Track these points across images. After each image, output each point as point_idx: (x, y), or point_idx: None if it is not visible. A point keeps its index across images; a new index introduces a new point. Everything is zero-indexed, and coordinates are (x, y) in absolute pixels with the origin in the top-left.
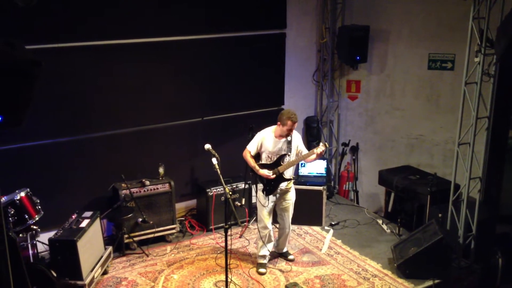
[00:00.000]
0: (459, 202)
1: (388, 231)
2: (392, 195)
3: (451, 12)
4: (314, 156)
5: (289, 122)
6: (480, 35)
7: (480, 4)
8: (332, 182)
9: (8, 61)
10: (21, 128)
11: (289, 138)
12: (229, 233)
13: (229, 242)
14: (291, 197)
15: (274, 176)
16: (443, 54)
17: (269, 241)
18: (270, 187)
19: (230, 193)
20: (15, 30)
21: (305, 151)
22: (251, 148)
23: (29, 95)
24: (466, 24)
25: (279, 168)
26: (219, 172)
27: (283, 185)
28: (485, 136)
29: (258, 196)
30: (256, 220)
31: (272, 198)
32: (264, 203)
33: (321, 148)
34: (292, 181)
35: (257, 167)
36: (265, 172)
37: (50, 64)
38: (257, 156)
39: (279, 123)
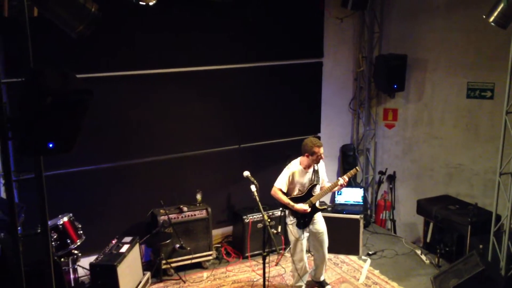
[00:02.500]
0: (501, 233)
1: (427, 262)
2: (431, 225)
3: (490, 41)
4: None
5: (316, 149)
6: None
7: None
8: (369, 211)
9: (63, 91)
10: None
11: (316, 167)
12: (266, 260)
13: (266, 270)
14: (322, 227)
15: (310, 209)
16: (482, 83)
17: (305, 272)
18: (305, 219)
19: (269, 220)
20: (63, 59)
21: (325, 178)
22: (281, 185)
23: (80, 122)
24: (505, 52)
25: (311, 199)
26: (257, 199)
27: (315, 216)
28: None
29: (292, 230)
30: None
31: (303, 231)
32: (299, 237)
33: (342, 179)
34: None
35: (291, 203)
36: (302, 207)
37: (94, 93)
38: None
39: (306, 154)
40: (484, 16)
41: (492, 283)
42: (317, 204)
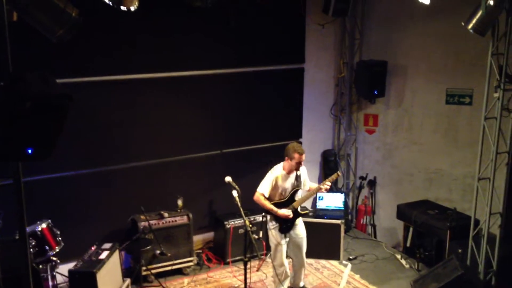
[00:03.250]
0: (479, 237)
1: (407, 266)
2: (411, 229)
3: (469, 47)
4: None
5: (296, 155)
6: (499, 71)
7: (499, 40)
8: (350, 216)
9: (42, 95)
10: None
11: (298, 173)
12: (247, 266)
13: (247, 276)
14: (302, 232)
15: (292, 214)
16: (461, 89)
17: (286, 277)
18: (287, 224)
19: (250, 225)
20: (43, 64)
21: (309, 184)
22: (264, 190)
23: (60, 128)
24: (483, 59)
25: (294, 204)
26: (239, 204)
27: (297, 221)
28: (505, 171)
29: (273, 235)
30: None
31: (284, 235)
32: (281, 241)
33: (325, 185)
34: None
35: (275, 209)
36: (285, 213)
37: (74, 98)
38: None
39: (287, 158)
40: (463, 23)
41: (471, 287)
42: (299, 209)
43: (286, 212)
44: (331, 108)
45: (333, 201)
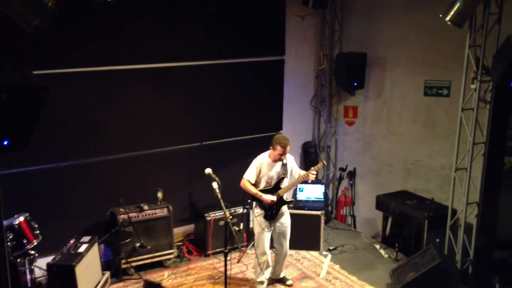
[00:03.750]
0: (457, 227)
1: (386, 256)
2: (390, 220)
3: (447, 40)
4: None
5: (278, 147)
6: (476, 63)
7: (476, 32)
8: (330, 207)
9: (17, 86)
10: (22, 152)
11: (284, 161)
12: (227, 258)
13: (227, 267)
14: (287, 220)
15: (276, 200)
16: (439, 81)
17: (267, 266)
18: (272, 211)
19: (230, 217)
20: (20, 55)
21: (298, 171)
22: (250, 176)
23: (36, 119)
24: (461, 51)
25: (279, 192)
26: (219, 196)
27: (282, 208)
28: (481, 161)
29: (259, 221)
30: (254, 245)
31: (269, 223)
32: (264, 228)
33: (312, 173)
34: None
35: (259, 193)
36: (269, 198)
37: (52, 90)
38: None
39: (271, 147)
40: (441, 15)
41: (448, 276)
42: (285, 197)
43: (271, 197)
44: (311, 100)
45: (313, 192)
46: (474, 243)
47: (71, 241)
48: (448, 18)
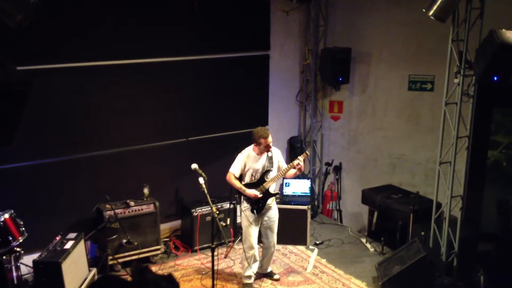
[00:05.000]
0: (441, 220)
1: (372, 249)
2: (375, 214)
3: (430, 34)
4: (294, 170)
5: (262, 140)
6: (459, 57)
7: (459, 27)
8: (316, 202)
9: (1, 83)
10: (7, 149)
11: (270, 154)
12: (214, 253)
13: (215, 263)
14: (274, 214)
15: (261, 194)
16: (423, 75)
17: (255, 261)
18: (259, 204)
19: (217, 212)
20: (3, 50)
21: (285, 165)
22: (235, 170)
23: (19, 115)
24: (444, 46)
25: (264, 184)
26: (206, 191)
27: (269, 202)
28: (465, 155)
29: (246, 215)
30: (241, 240)
31: (257, 217)
32: (252, 222)
33: (297, 160)
34: (275, 197)
35: (243, 188)
36: (252, 192)
37: (35, 85)
38: (239, 178)
39: (254, 144)
40: (424, 10)
41: (433, 268)
42: (271, 190)
43: (255, 192)
44: (297, 95)
45: (300, 187)
46: (458, 236)
47: (57, 238)
48: (431, 13)
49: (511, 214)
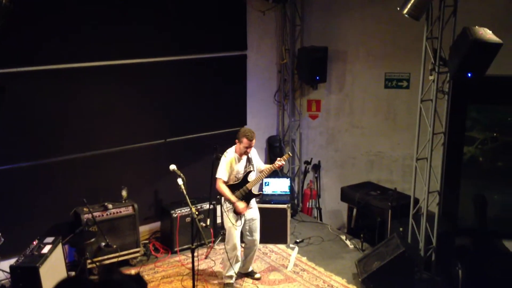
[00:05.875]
0: (419, 215)
1: (352, 246)
2: (354, 211)
3: (405, 33)
4: (274, 166)
5: (244, 140)
6: (434, 54)
7: (433, 24)
8: (296, 200)
9: None
10: None
11: (249, 155)
12: (195, 254)
13: (195, 264)
14: (256, 214)
15: (248, 207)
16: (399, 73)
17: (237, 261)
18: None
19: (197, 213)
20: None
21: (262, 165)
22: (222, 175)
23: None
24: (419, 44)
25: (247, 185)
26: (185, 192)
27: (252, 203)
28: (441, 151)
29: (229, 217)
30: (221, 241)
31: (239, 217)
32: (235, 222)
33: (280, 161)
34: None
35: (233, 200)
36: (243, 209)
37: (9, 89)
38: None
39: (237, 140)
40: (398, 8)
41: (412, 264)
42: (253, 190)
43: (244, 208)
44: (275, 94)
45: (279, 186)
46: (436, 231)
47: (34, 243)
48: (405, 11)
49: (487, 209)
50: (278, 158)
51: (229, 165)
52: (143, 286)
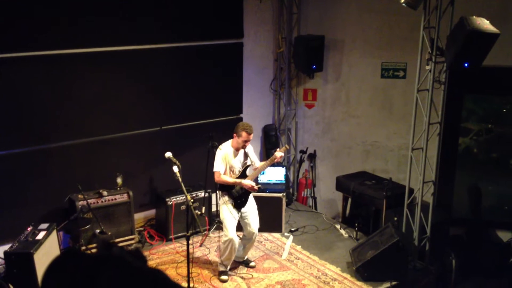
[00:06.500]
0: (414, 205)
1: (346, 235)
2: (349, 200)
3: (403, 22)
4: (273, 160)
5: (243, 134)
6: (431, 44)
7: (431, 14)
8: (291, 189)
9: None
10: None
11: (246, 150)
12: (190, 242)
13: (190, 251)
14: (253, 204)
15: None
16: (395, 63)
17: (234, 251)
18: (242, 199)
19: (192, 201)
20: None
21: (256, 160)
22: (219, 167)
23: None
24: (416, 33)
25: (247, 179)
26: (180, 180)
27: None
28: (437, 141)
29: (228, 208)
30: (216, 229)
31: (237, 210)
32: (233, 214)
33: (278, 153)
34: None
35: (238, 181)
36: (249, 183)
37: (2, 74)
38: None
39: (235, 134)
40: None
41: (406, 253)
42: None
43: (250, 182)
44: (271, 83)
45: (275, 175)
46: (430, 221)
47: (29, 229)
48: (403, 0)
49: (481, 199)
50: (277, 149)
51: (224, 158)
52: (143, 260)
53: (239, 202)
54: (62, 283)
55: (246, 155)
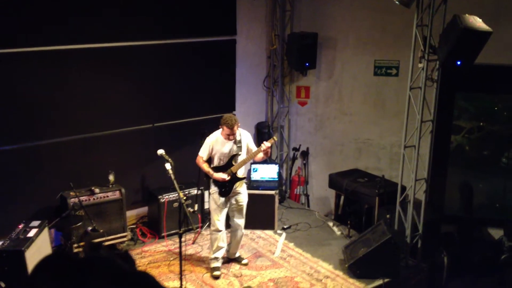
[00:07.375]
0: (406, 203)
1: (339, 233)
2: (342, 198)
3: (395, 20)
4: (261, 154)
5: (225, 128)
6: (424, 42)
7: (423, 12)
8: (284, 187)
9: None
10: None
11: (238, 138)
12: (182, 239)
13: (182, 249)
14: (243, 198)
15: (229, 177)
16: (388, 60)
17: (221, 243)
18: (226, 188)
19: (185, 198)
20: None
21: (255, 148)
22: (203, 153)
23: None
24: (409, 31)
25: (232, 168)
26: (173, 177)
27: (237, 185)
28: (429, 139)
29: (214, 198)
30: (209, 226)
31: (224, 200)
32: (219, 204)
33: (266, 143)
34: (244, 181)
35: (211, 172)
36: (220, 176)
37: None
38: (209, 160)
39: (220, 126)
40: None
41: (398, 250)
42: (239, 174)
43: (222, 175)
44: (264, 80)
45: (267, 172)
46: (422, 218)
47: (20, 226)
48: None
49: (473, 197)
50: (264, 142)
51: (210, 145)
52: (131, 263)
53: (223, 191)
54: (50, 286)
55: (238, 143)
